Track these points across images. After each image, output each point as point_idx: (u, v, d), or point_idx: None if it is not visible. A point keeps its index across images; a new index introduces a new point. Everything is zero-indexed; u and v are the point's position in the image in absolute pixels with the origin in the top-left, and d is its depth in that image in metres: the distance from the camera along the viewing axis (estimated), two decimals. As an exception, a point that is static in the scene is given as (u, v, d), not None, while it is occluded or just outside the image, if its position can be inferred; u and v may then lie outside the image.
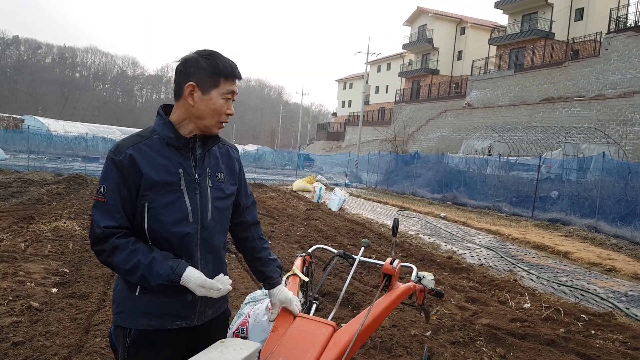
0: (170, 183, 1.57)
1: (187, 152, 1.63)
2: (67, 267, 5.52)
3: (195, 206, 1.61)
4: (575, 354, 4.04)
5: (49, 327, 3.65)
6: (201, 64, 1.57)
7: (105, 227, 1.50)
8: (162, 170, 1.56)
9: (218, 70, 1.59)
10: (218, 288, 1.55)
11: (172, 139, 1.60)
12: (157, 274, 1.49)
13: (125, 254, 1.49)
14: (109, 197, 1.52)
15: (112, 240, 1.50)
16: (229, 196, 1.74)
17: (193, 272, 1.53)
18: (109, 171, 1.53)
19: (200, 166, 1.65)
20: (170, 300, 1.58)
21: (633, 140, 20.55)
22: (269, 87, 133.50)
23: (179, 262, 1.54)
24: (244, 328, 1.94)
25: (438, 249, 8.83)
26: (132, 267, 1.49)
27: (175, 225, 1.57)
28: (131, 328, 1.58)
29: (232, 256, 6.59)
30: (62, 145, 27.08)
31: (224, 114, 1.63)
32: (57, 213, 8.94)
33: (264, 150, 37.10)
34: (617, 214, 11.22)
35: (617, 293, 6.45)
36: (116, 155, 1.53)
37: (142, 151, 1.55)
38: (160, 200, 1.55)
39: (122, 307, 1.60)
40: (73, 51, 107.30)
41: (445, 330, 4.37)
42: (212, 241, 1.67)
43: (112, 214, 1.51)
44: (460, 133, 30.97)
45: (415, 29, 46.60)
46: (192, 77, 1.57)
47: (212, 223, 1.66)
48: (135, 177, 1.53)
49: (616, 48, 23.26)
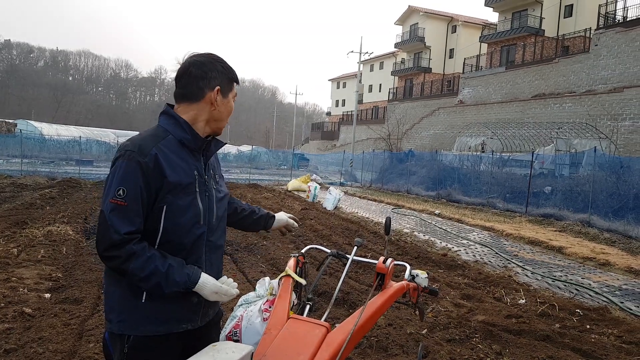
0: (187, 185, 1.57)
1: (199, 153, 1.64)
2: (61, 272, 5.47)
3: (205, 208, 1.63)
4: (571, 349, 4.05)
5: (42, 333, 3.62)
6: (219, 69, 1.63)
7: (125, 233, 1.44)
8: (181, 172, 1.55)
9: (232, 74, 1.68)
10: (232, 294, 1.59)
11: (189, 140, 1.60)
12: (174, 282, 1.49)
13: (142, 260, 1.45)
14: (129, 201, 1.45)
15: (129, 247, 1.44)
16: (225, 196, 1.80)
17: (207, 279, 1.56)
18: (131, 172, 1.46)
19: (208, 168, 1.68)
20: (177, 305, 1.58)
21: (624, 135, 20.69)
22: (262, 88, 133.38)
23: (193, 268, 1.55)
24: (236, 331, 1.93)
25: (433, 246, 8.84)
26: (149, 274, 1.45)
27: (189, 227, 1.58)
28: (131, 335, 1.55)
29: (227, 257, 6.57)
30: (56, 149, 26.92)
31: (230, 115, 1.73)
32: (51, 217, 8.87)
33: (258, 150, 37.07)
34: (609, 208, 11.29)
35: (612, 287, 6.48)
36: (142, 157, 1.47)
37: (163, 152, 1.52)
38: (177, 202, 1.54)
39: (125, 315, 1.55)
40: (65, 54, 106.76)
41: (441, 327, 4.38)
42: (217, 241, 1.71)
43: (133, 219, 1.46)
44: (454, 130, 31.05)
45: (407, 27, 46.72)
46: (215, 80, 1.61)
47: (216, 224, 1.69)
48: (157, 179, 1.49)
49: (605, 44, 23.40)
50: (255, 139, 79.87)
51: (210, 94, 1.59)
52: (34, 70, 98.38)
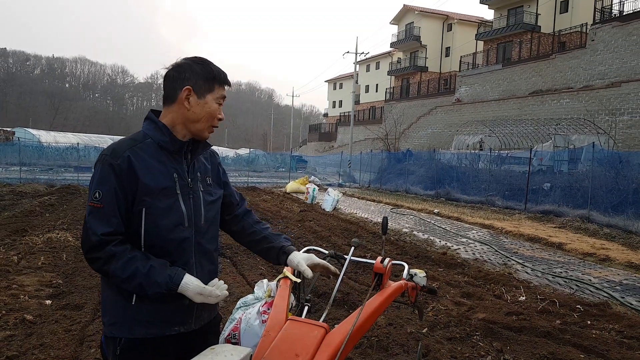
0: (166, 188, 1.57)
1: (180, 156, 1.64)
2: (61, 278, 5.48)
3: (190, 210, 1.62)
4: (572, 345, 4.06)
5: (43, 340, 3.62)
6: (195, 69, 1.61)
7: (102, 234, 1.47)
8: (158, 174, 1.56)
9: (212, 75, 1.64)
10: (217, 295, 1.56)
11: (167, 142, 1.60)
12: (155, 283, 1.49)
13: (123, 262, 1.47)
14: (105, 202, 1.49)
15: (108, 248, 1.47)
16: (217, 200, 1.77)
17: (191, 280, 1.54)
18: (105, 175, 1.50)
19: (192, 170, 1.67)
20: (168, 307, 1.57)
21: (622, 130, 20.71)
22: (259, 91, 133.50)
23: (176, 270, 1.54)
24: (235, 333, 1.93)
25: (432, 245, 8.85)
26: (130, 275, 1.47)
27: (172, 230, 1.58)
28: (122, 337, 1.56)
29: (226, 260, 6.57)
30: (54, 156, 26.90)
31: (216, 119, 1.66)
32: (50, 224, 8.88)
33: (256, 153, 37.03)
34: (609, 204, 11.29)
35: (612, 282, 6.49)
36: (114, 159, 1.51)
37: (138, 155, 1.54)
38: (157, 205, 1.54)
39: (116, 317, 1.56)
40: (62, 62, 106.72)
41: (441, 326, 4.38)
42: (206, 245, 1.69)
43: (109, 220, 1.49)
44: (451, 129, 31.07)
45: (403, 27, 46.78)
46: (187, 81, 1.60)
47: (205, 227, 1.68)
48: (131, 181, 1.51)
49: (602, 38, 23.45)
50: (253, 142, 79.92)
51: (181, 95, 1.60)
52: (30, 78, 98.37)
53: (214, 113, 1.65)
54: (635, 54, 21.55)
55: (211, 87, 1.63)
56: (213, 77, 1.64)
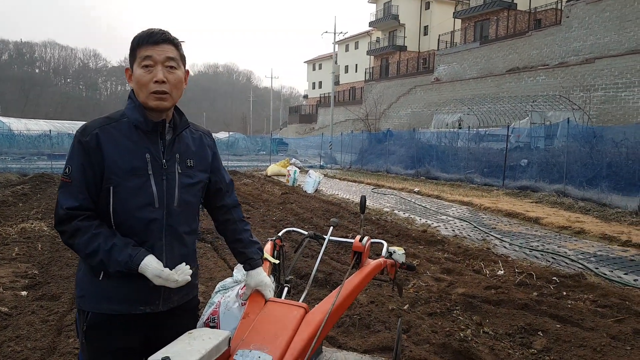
0: (135, 168, 1.55)
1: (156, 136, 1.60)
2: (37, 268, 5.36)
3: (162, 192, 1.59)
4: (549, 315, 4.16)
5: (19, 332, 3.55)
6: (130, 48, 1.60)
7: (67, 208, 1.49)
8: (127, 154, 1.54)
9: (135, 43, 1.58)
10: (175, 279, 1.52)
11: (141, 122, 1.57)
12: (116, 261, 1.49)
13: (87, 237, 1.49)
14: (73, 178, 1.51)
15: (74, 223, 1.50)
16: (197, 183, 1.71)
17: (150, 262, 1.51)
18: (75, 152, 1.52)
19: (169, 151, 1.62)
20: (134, 285, 1.55)
21: (596, 105, 21.07)
22: (237, 73, 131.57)
23: (138, 250, 1.52)
24: (214, 317, 1.91)
25: (413, 223, 8.93)
26: (92, 251, 1.49)
27: (140, 210, 1.55)
28: (89, 312, 1.57)
29: (207, 245, 6.52)
30: (26, 145, 26.18)
31: (151, 82, 1.54)
32: (24, 214, 8.68)
33: (236, 137, 36.61)
34: (584, 178, 11.54)
35: (587, 254, 6.66)
36: (83, 137, 1.52)
37: (108, 133, 1.54)
38: (125, 184, 1.53)
39: (85, 291, 1.59)
40: (30, 46, 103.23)
41: (422, 302, 4.44)
42: (178, 228, 1.64)
43: (76, 195, 1.51)
44: (431, 108, 31.19)
45: (381, 5, 46.37)
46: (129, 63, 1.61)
47: (178, 209, 1.64)
48: (99, 158, 1.52)
49: (577, 15, 23.63)
50: (232, 126, 78.84)
51: (127, 78, 1.62)
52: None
53: (141, 79, 1.55)
54: (608, 31, 21.81)
55: (134, 55, 1.57)
56: (135, 45, 1.57)
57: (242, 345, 1.53)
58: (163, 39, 1.57)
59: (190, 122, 1.75)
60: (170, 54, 1.57)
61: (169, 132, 1.65)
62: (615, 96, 20.41)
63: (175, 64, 1.58)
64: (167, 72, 1.56)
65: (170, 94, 1.58)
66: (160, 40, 1.56)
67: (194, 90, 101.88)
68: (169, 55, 1.56)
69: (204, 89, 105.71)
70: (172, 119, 1.67)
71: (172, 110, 1.66)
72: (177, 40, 1.63)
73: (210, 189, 1.81)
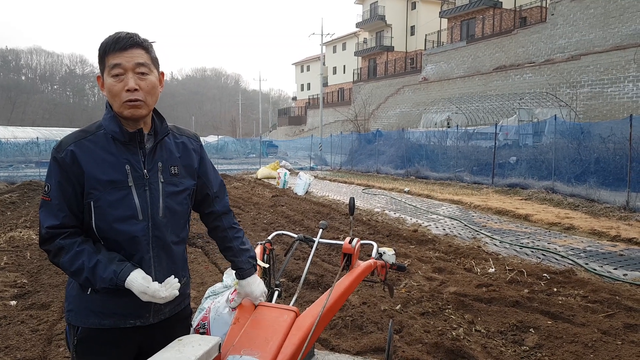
0: (115, 181, 1.50)
1: (135, 146, 1.54)
2: (26, 277, 5.30)
3: (145, 203, 1.54)
4: (540, 312, 4.19)
5: (9, 342, 3.50)
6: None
7: (48, 227, 1.47)
8: (106, 167, 1.49)
9: (101, 50, 1.52)
10: (161, 296, 1.47)
11: (117, 133, 1.52)
12: (101, 278, 1.45)
13: (70, 255, 1.46)
14: (52, 196, 1.49)
15: (57, 241, 1.47)
16: (183, 191, 1.65)
17: (136, 277, 1.47)
18: (52, 169, 1.50)
19: (150, 160, 1.56)
20: (123, 300, 1.51)
21: (583, 102, 21.30)
22: (225, 76, 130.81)
23: (124, 265, 1.48)
24: (204, 323, 1.90)
25: (404, 223, 8.96)
26: (77, 269, 1.47)
27: (122, 223, 1.51)
28: (79, 326, 1.54)
29: (198, 250, 6.49)
30: (13, 152, 25.85)
31: (123, 91, 1.48)
32: (12, 223, 8.57)
33: (225, 140, 36.46)
34: (572, 174, 11.66)
35: (576, 250, 6.72)
36: (58, 153, 1.49)
37: (85, 147, 1.49)
38: (106, 198, 1.49)
39: (73, 305, 1.56)
40: (16, 53, 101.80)
41: (414, 302, 4.45)
42: (165, 238, 1.59)
43: (56, 213, 1.48)
44: (419, 108, 31.34)
45: (367, 6, 46.53)
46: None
47: (163, 220, 1.58)
48: (77, 174, 1.48)
49: (561, 12, 23.89)
50: (221, 129, 78.46)
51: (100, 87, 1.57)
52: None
53: (112, 88, 1.48)
54: (593, 27, 22.08)
55: (103, 64, 1.50)
56: (103, 53, 1.50)
57: (233, 350, 1.52)
58: (131, 44, 1.49)
59: (174, 127, 1.70)
60: (140, 59, 1.50)
61: (150, 140, 1.59)
62: (601, 92, 20.65)
63: (146, 69, 1.51)
64: (138, 79, 1.49)
65: (145, 101, 1.51)
66: (128, 45, 1.48)
67: (183, 94, 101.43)
68: (139, 61, 1.49)
69: (192, 93, 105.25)
70: (153, 126, 1.60)
71: (151, 116, 1.60)
72: (147, 42, 1.55)
73: (198, 195, 1.75)
